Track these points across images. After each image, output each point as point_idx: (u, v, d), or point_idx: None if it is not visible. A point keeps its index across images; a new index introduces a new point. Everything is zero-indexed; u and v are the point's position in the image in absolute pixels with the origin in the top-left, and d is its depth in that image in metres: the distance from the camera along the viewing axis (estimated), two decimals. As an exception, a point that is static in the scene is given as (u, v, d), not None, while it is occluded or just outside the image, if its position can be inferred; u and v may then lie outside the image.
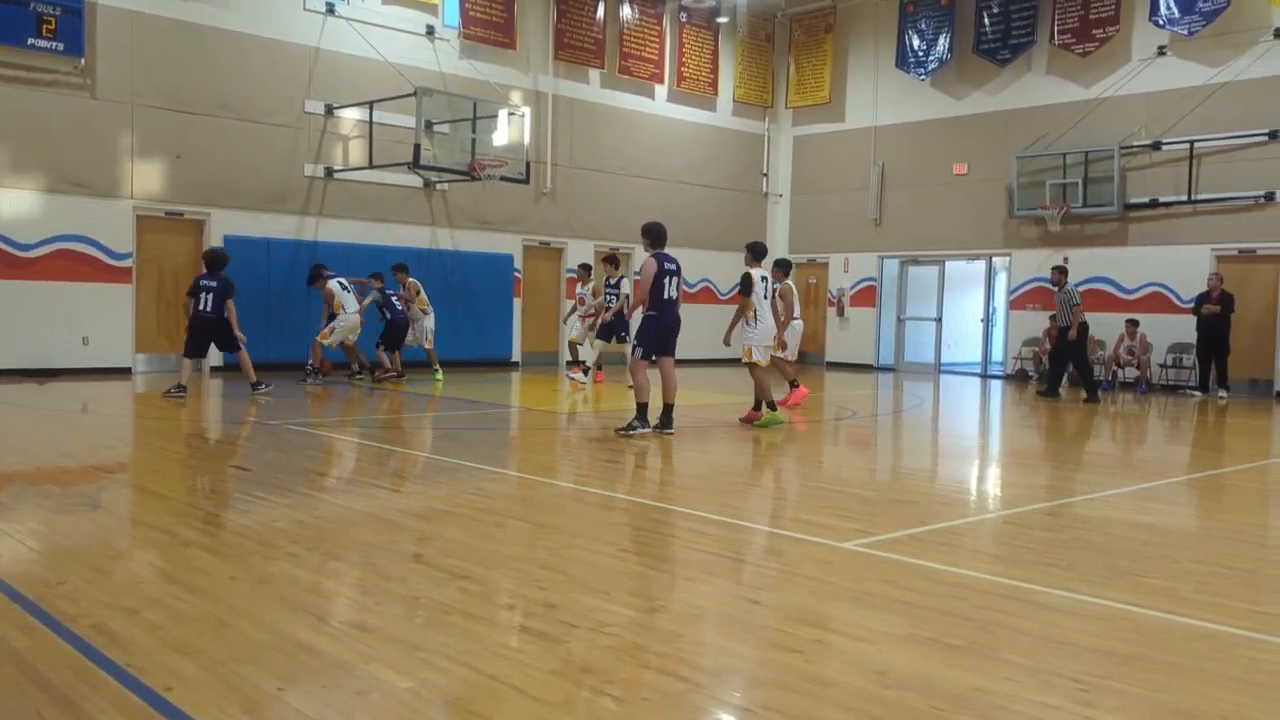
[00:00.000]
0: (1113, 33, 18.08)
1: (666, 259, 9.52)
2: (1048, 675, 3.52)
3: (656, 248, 9.59)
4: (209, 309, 12.22)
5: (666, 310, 9.58)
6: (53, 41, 13.98)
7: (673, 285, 9.57)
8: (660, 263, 9.46)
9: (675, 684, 3.39)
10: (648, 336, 9.66)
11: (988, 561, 5.34)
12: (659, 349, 9.69)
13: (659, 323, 9.60)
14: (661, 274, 9.44)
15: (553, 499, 6.94)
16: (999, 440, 11.66)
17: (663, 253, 9.56)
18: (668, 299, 9.53)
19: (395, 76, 16.60)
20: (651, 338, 9.64)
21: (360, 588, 4.55)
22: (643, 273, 9.52)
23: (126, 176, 14.93)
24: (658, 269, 9.43)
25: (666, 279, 9.47)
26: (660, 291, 9.46)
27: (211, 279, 12.33)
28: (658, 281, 9.43)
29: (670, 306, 9.61)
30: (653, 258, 9.52)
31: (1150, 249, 17.88)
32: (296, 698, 3.18)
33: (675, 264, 9.61)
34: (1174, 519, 6.79)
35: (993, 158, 19.72)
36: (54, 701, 3.10)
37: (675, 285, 9.60)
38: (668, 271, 9.48)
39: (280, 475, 7.31)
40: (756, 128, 23.08)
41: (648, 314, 9.60)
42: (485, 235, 18.44)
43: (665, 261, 9.49)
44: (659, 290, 9.45)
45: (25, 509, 6.04)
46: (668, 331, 9.71)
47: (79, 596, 4.17)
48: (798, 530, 5.88)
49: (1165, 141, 17.54)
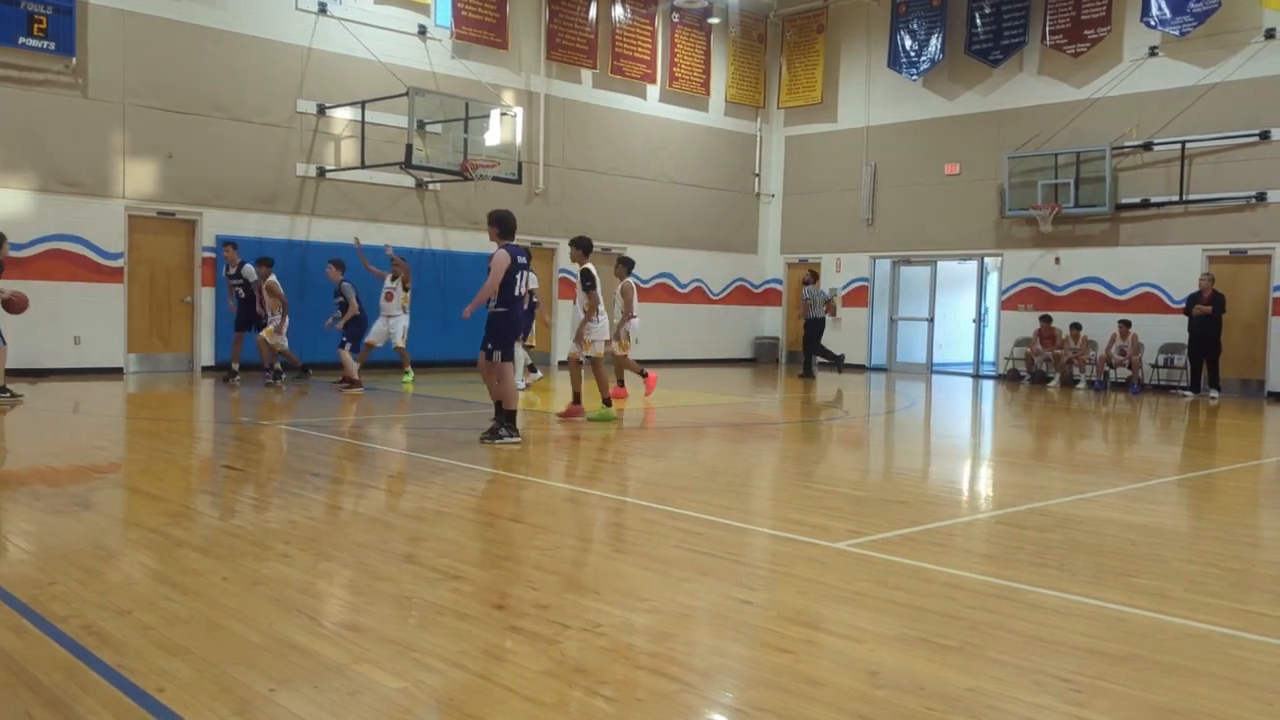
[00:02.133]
0: (1104, 33, 18.14)
1: (519, 252, 8.86)
2: (1039, 675, 3.53)
3: (506, 239, 8.85)
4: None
5: (516, 307, 8.92)
6: (44, 41, 13.93)
7: (524, 280, 8.93)
8: (513, 256, 8.75)
9: (667, 684, 3.39)
10: (502, 336, 8.86)
11: (979, 561, 5.36)
12: (511, 349, 9.03)
13: (509, 320, 8.89)
14: (514, 268, 8.72)
15: (545, 499, 6.94)
16: (991, 440, 11.69)
17: (514, 245, 8.88)
18: (518, 295, 8.87)
19: (387, 76, 16.58)
20: (505, 337, 8.90)
21: (352, 588, 4.55)
22: (493, 266, 8.71)
23: (118, 176, 14.88)
24: (510, 262, 8.70)
25: (518, 274, 8.79)
26: (511, 287, 8.75)
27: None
28: (509, 276, 8.70)
29: (521, 303, 9.03)
30: (504, 250, 8.74)
31: (1142, 249, 17.94)
32: (288, 698, 3.17)
33: (527, 257, 8.99)
34: (1165, 519, 6.82)
35: (985, 158, 19.76)
36: (45, 703, 3.09)
37: (526, 281, 9.01)
38: (520, 265, 8.80)
39: (271, 475, 7.29)
40: (749, 128, 23.10)
41: (497, 310, 8.79)
42: (477, 235, 18.40)
43: (517, 255, 8.81)
44: (510, 285, 8.73)
45: (16, 509, 6.02)
46: (516, 328, 9.15)
47: (70, 597, 4.16)
48: (790, 530, 5.89)
49: (1157, 142, 17.59)
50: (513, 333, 9.05)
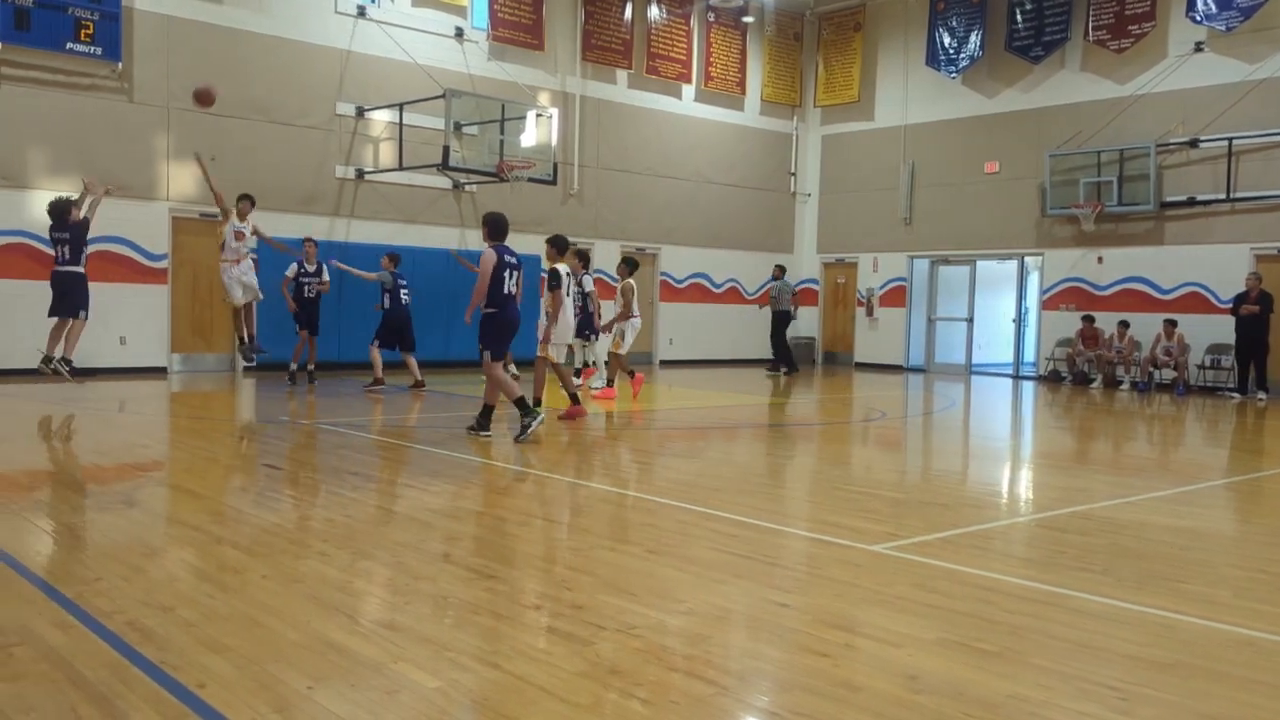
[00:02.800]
0: (1149, 29, 17.86)
1: (507, 252, 8.96)
2: (1083, 682, 3.47)
3: (496, 240, 9.01)
4: (65, 260, 11.51)
5: (508, 307, 8.98)
6: (91, 46, 14.17)
7: (513, 280, 8.95)
8: (500, 255, 8.87)
9: (702, 687, 3.38)
10: (492, 336, 8.99)
11: (1020, 565, 5.28)
12: (501, 349, 9.11)
13: (500, 321, 8.98)
14: (501, 266, 8.83)
15: (579, 500, 6.95)
16: (1031, 442, 11.54)
17: (503, 245, 9.00)
18: (507, 294, 8.92)
19: (425, 78, 16.69)
20: (495, 337, 9.01)
21: (389, 587, 4.57)
22: (481, 266, 8.87)
23: (162, 179, 15.11)
24: (497, 261, 8.82)
25: (507, 272, 8.87)
26: (500, 286, 8.84)
27: (62, 229, 11.51)
28: (497, 275, 8.80)
29: (511, 303, 9.01)
30: (492, 250, 8.89)
31: (1187, 248, 17.63)
32: (326, 696, 3.19)
33: (516, 258, 9.06)
34: (1212, 523, 6.69)
35: (1025, 156, 19.53)
36: (90, 699, 3.14)
37: (516, 280, 9.00)
38: (508, 265, 8.90)
39: (311, 474, 7.36)
40: (785, 127, 23.00)
41: (488, 311, 8.95)
42: (512, 236, 18.28)
43: (505, 254, 8.92)
44: (499, 285, 8.83)
45: (64, 506, 6.13)
46: (511, 328, 9.12)
47: (115, 593, 4.21)
48: (826, 532, 5.85)
49: (1203, 139, 17.29)
50: (504, 332, 9.05)
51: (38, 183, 14.11)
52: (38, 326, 13.99)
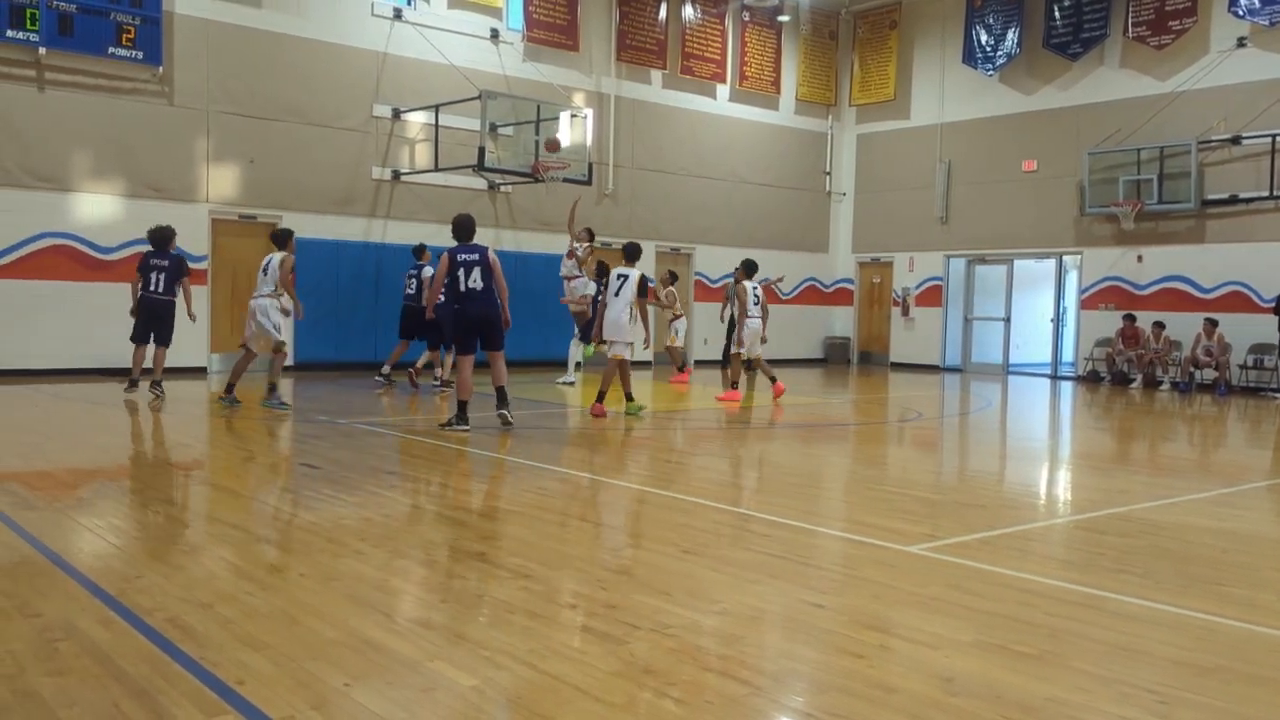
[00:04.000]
0: (1190, 24, 17.59)
1: (463, 250, 9.45)
2: (1122, 686, 3.43)
3: (457, 240, 9.57)
4: (159, 289, 11.60)
5: (466, 303, 9.40)
6: (132, 50, 14.39)
7: (472, 276, 9.35)
8: (453, 255, 9.43)
9: (737, 687, 3.37)
10: (452, 331, 9.82)
11: (1058, 567, 5.23)
12: (464, 344, 9.61)
13: (459, 316, 9.52)
14: (454, 266, 9.38)
15: (614, 499, 6.96)
16: (1070, 443, 11.41)
17: (462, 245, 9.51)
18: (465, 291, 9.36)
19: (460, 80, 16.78)
20: (454, 331, 9.73)
21: (425, 585, 4.61)
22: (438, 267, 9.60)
23: (202, 181, 15.31)
24: (449, 262, 9.41)
25: (460, 270, 9.36)
26: (455, 284, 9.38)
27: (162, 257, 11.64)
28: (451, 274, 9.38)
29: (469, 299, 9.40)
30: (447, 252, 9.53)
31: (1229, 246, 17.35)
32: (363, 694, 3.22)
33: (476, 254, 9.42)
34: (1255, 526, 6.58)
35: (1063, 154, 19.31)
36: (131, 694, 3.19)
37: (477, 276, 9.36)
38: (460, 264, 9.38)
39: (348, 473, 7.43)
40: (820, 126, 22.89)
41: (454, 308, 9.57)
42: (548, 237, 18.54)
43: (460, 253, 9.43)
44: (454, 283, 9.38)
45: (105, 505, 6.23)
46: (469, 324, 9.49)
47: (155, 591, 4.28)
48: (861, 533, 5.81)
49: (1246, 136, 17.01)
50: (462, 328, 9.52)
51: (80, 185, 14.36)
52: (79, 327, 14.27)
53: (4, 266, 13.83)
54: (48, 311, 14.06)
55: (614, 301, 11.12)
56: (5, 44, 13.54)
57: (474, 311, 9.43)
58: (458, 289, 9.37)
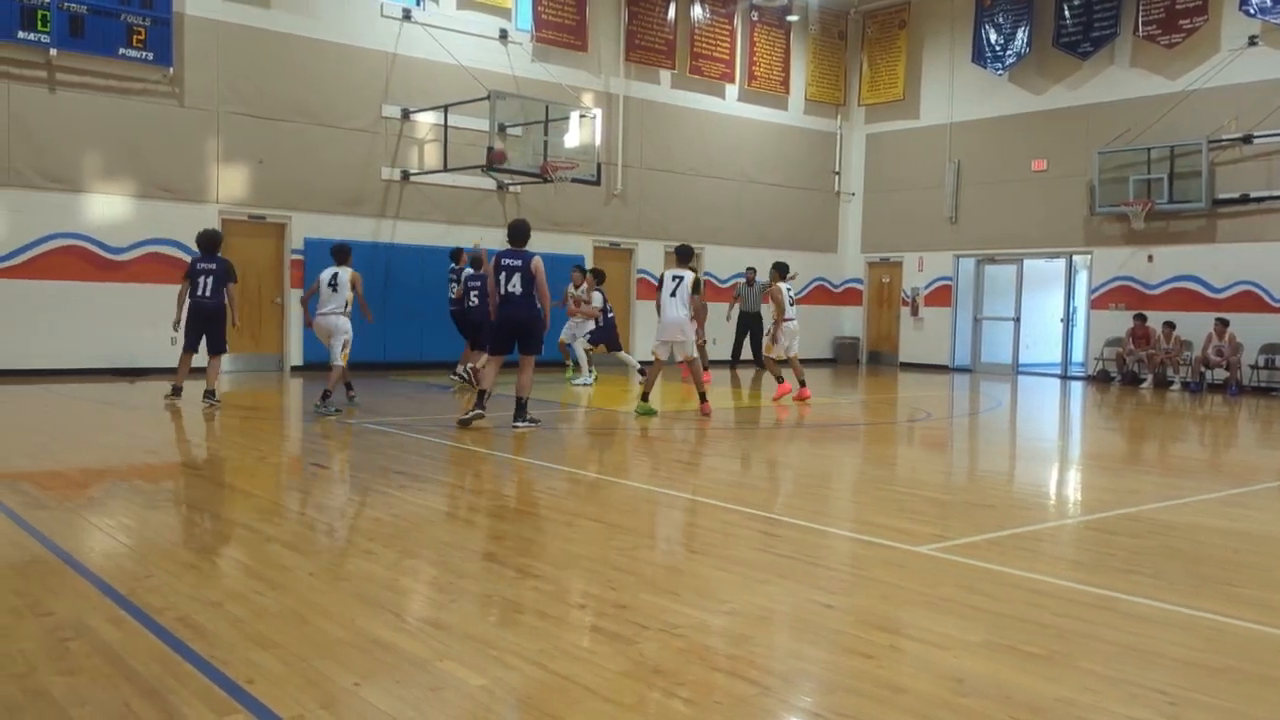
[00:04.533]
0: (1200, 23, 17.52)
1: (507, 255, 9.67)
2: (1132, 686, 3.42)
3: (509, 244, 9.79)
4: (208, 294, 11.23)
5: (504, 305, 9.64)
6: (143, 51, 14.45)
7: (512, 281, 9.54)
8: (498, 259, 9.73)
9: (746, 687, 3.37)
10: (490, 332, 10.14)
11: (1068, 568, 5.21)
12: (496, 345, 9.88)
13: (497, 317, 9.78)
14: (497, 269, 9.66)
15: (623, 499, 6.96)
16: (1080, 443, 11.38)
17: (508, 250, 9.74)
18: (505, 294, 9.60)
19: (469, 80, 16.81)
20: (491, 332, 10.03)
21: (434, 585, 4.61)
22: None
23: (212, 181, 15.36)
24: (494, 265, 9.75)
25: (502, 274, 9.60)
26: (497, 287, 9.65)
27: (210, 261, 11.34)
28: (494, 278, 9.67)
29: (507, 302, 9.61)
30: (494, 255, 9.85)
31: (1241, 246, 17.28)
32: (372, 693, 3.23)
33: (519, 260, 9.58)
34: (1266, 526, 6.54)
35: (1073, 153, 19.25)
36: (142, 693, 3.20)
37: (517, 281, 9.53)
38: (503, 267, 9.61)
39: (357, 473, 7.44)
40: (829, 126, 22.87)
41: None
42: (556, 236, 18.56)
43: (504, 258, 9.67)
44: (496, 287, 9.66)
45: (115, 504, 6.25)
46: (501, 327, 9.73)
47: (166, 590, 4.29)
48: (871, 533, 5.81)
49: (1257, 135, 16.94)
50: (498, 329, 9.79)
51: (91, 186, 14.42)
52: (90, 327, 14.33)
53: (15, 267, 13.90)
54: (59, 312, 14.13)
55: (670, 302, 11.15)
56: (16, 45, 13.61)
57: (509, 315, 9.60)
58: (499, 291, 9.62)
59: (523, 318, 9.59)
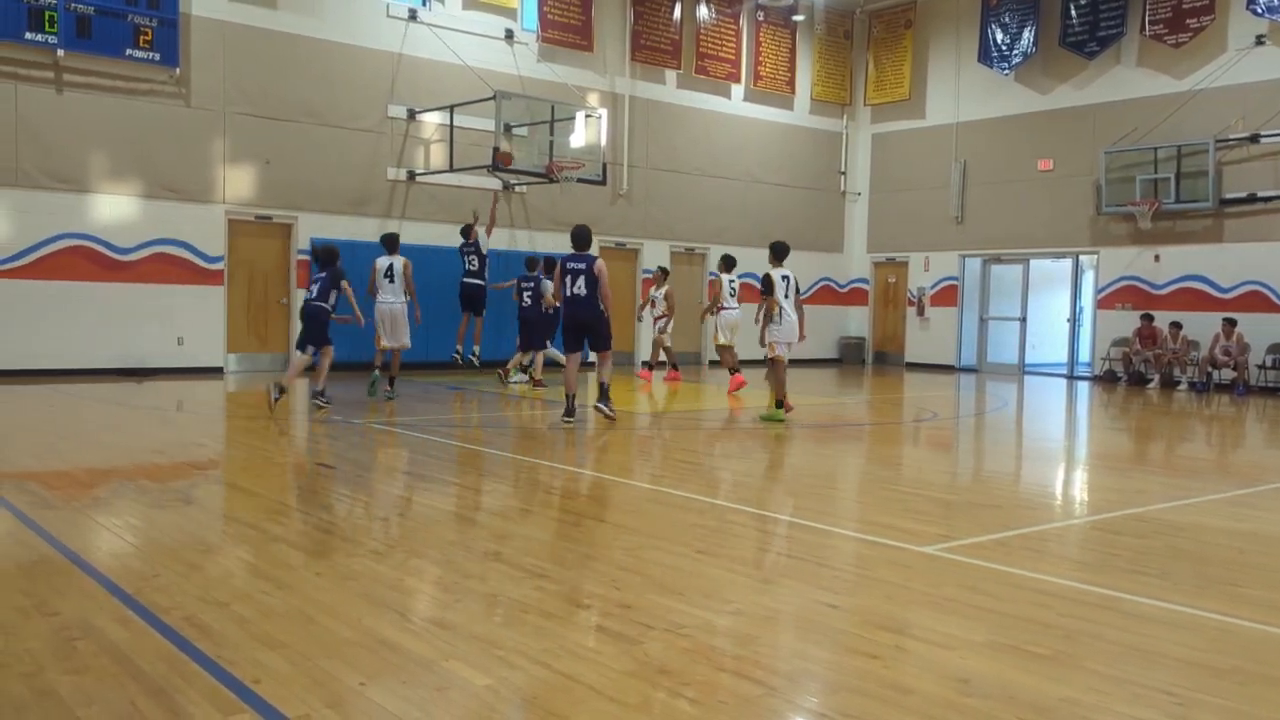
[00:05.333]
0: (1207, 22, 17.47)
1: (571, 259, 10.16)
2: (1137, 687, 3.41)
3: (573, 249, 10.22)
4: (314, 296, 11.36)
5: (570, 306, 10.16)
6: (149, 52, 14.48)
7: (577, 284, 10.04)
8: (563, 263, 10.26)
9: (751, 687, 3.37)
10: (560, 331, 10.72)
11: (1074, 568, 5.21)
12: (568, 343, 10.38)
13: (565, 318, 10.39)
14: (563, 273, 10.19)
15: (629, 499, 6.96)
16: (1086, 443, 11.36)
17: (572, 254, 10.19)
18: (570, 296, 10.11)
19: (475, 80, 16.82)
20: (563, 332, 10.59)
21: (440, 585, 4.62)
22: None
23: (219, 182, 15.40)
24: (559, 269, 10.30)
25: (567, 277, 10.12)
26: (563, 289, 10.17)
27: (323, 269, 11.56)
28: (560, 281, 10.23)
29: (573, 303, 10.12)
30: (560, 260, 10.40)
31: (1248, 245, 17.23)
32: (378, 693, 3.24)
33: (583, 263, 10.07)
34: (1273, 527, 6.53)
35: (1079, 153, 19.20)
36: (148, 692, 3.21)
37: (581, 283, 10.03)
38: (568, 271, 10.14)
39: (363, 473, 7.46)
40: (834, 126, 22.85)
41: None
42: (562, 236, 18.51)
43: (568, 262, 10.18)
44: (562, 289, 10.19)
45: (123, 504, 6.27)
46: (569, 328, 10.33)
47: (173, 590, 4.31)
48: (876, 533, 5.80)
49: (1264, 134, 16.89)
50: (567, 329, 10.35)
51: (98, 186, 14.45)
52: (98, 327, 14.37)
53: (23, 267, 13.94)
54: (65, 312, 14.17)
55: (787, 302, 11.28)
56: (24, 46, 13.65)
57: (576, 315, 10.20)
58: (565, 294, 10.17)
59: (588, 318, 10.11)
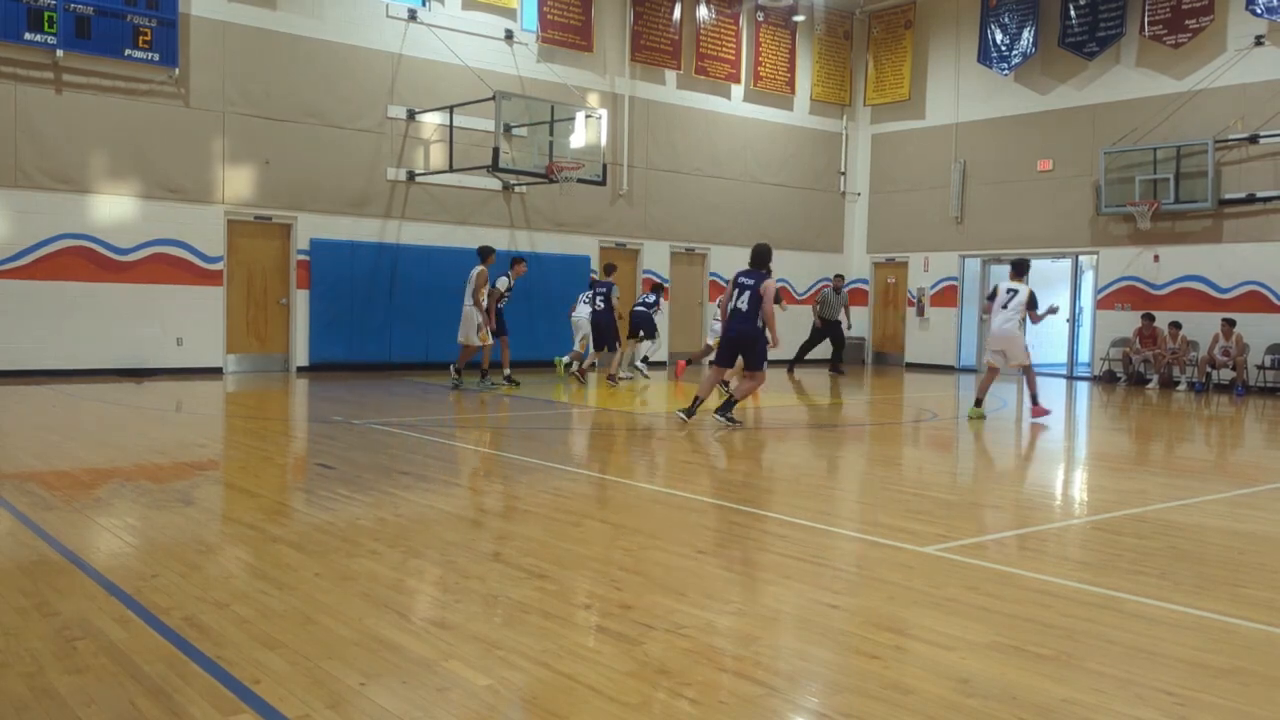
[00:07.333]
0: (1206, 23, 17.48)
1: (744, 274, 10.34)
2: (1139, 687, 3.41)
3: (752, 266, 10.39)
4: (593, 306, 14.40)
5: (731, 320, 10.33)
6: (149, 53, 14.48)
7: (742, 298, 10.20)
8: (736, 276, 10.42)
9: (752, 688, 3.37)
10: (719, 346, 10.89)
11: (1075, 568, 5.20)
12: (720, 356, 10.68)
13: (724, 331, 10.52)
14: (733, 285, 10.38)
15: (630, 499, 6.96)
16: (1086, 443, 11.35)
17: (747, 269, 10.39)
18: (733, 309, 10.29)
19: (475, 81, 16.82)
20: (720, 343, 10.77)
21: (440, 585, 4.62)
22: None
23: (218, 182, 15.39)
24: (731, 280, 10.46)
25: (735, 290, 10.30)
26: (730, 300, 10.37)
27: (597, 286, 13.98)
28: (729, 292, 10.41)
29: (734, 317, 10.28)
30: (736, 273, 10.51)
31: (1247, 246, 17.24)
32: (378, 693, 3.24)
33: (753, 279, 10.22)
34: (1273, 527, 6.52)
35: (1079, 153, 19.21)
36: (148, 692, 3.21)
37: (745, 299, 10.17)
38: (737, 284, 10.32)
39: (363, 474, 7.45)
40: (834, 126, 22.85)
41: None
42: (562, 237, 18.58)
43: (740, 276, 10.36)
44: (728, 301, 10.41)
45: (122, 504, 6.27)
46: (726, 341, 10.46)
47: (172, 590, 4.30)
48: (876, 534, 5.80)
49: (1263, 134, 16.89)
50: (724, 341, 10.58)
51: (97, 187, 14.45)
52: (97, 327, 14.36)
53: (22, 268, 13.94)
54: (65, 312, 14.17)
55: (1001, 313, 11.69)
56: (23, 46, 13.65)
57: (734, 329, 10.30)
58: (729, 305, 10.39)
59: (745, 333, 10.21)
